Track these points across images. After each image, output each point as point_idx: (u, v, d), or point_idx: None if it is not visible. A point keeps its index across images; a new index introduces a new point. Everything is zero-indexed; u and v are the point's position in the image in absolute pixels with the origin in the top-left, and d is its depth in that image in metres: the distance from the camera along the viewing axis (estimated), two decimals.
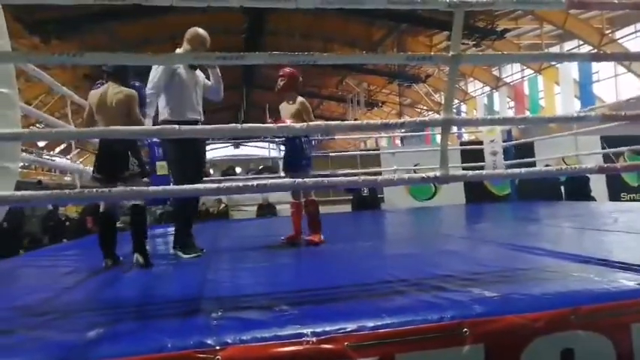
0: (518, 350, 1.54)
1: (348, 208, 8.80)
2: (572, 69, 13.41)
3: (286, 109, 3.94)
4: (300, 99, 3.92)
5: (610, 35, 15.93)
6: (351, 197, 8.76)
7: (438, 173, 2.12)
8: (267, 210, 9.67)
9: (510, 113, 16.79)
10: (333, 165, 8.47)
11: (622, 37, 15.99)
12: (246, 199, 11.09)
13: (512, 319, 1.56)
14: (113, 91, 2.96)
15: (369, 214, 7.74)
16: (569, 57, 3.89)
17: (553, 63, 15.12)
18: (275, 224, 6.00)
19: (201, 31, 3.55)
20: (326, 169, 7.80)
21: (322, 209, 4.06)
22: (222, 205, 10.23)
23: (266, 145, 29.93)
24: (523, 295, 1.72)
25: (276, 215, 8.96)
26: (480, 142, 7.93)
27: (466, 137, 14.59)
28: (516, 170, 2.51)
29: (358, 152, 8.92)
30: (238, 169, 15.26)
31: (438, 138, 15.98)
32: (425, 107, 25.05)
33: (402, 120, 2.01)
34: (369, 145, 20.88)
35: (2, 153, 1.90)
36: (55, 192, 1.86)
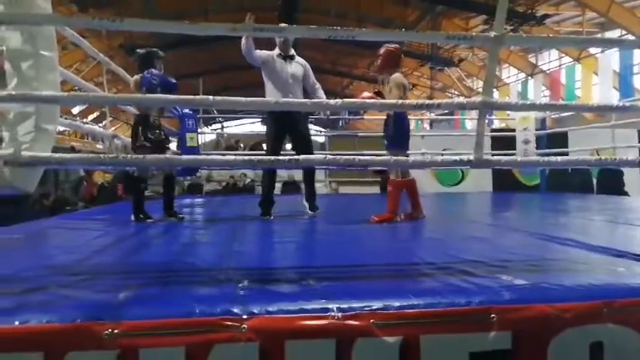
0: (547, 340, 1.51)
1: (374, 189, 8.77)
2: (612, 59, 12.95)
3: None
4: (393, 76, 3.82)
5: None
6: (379, 179, 8.71)
7: (471, 157, 2.07)
8: (292, 187, 9.71)
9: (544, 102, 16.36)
10: (360, 146, 8.41)
11: None
12: None
13: (542, 307, 1.54)
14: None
15: None
16: (617, 43, 3.71)
17: (593, 52, 14.57)
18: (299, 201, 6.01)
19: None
20: (353, 150, 7.76)
21: (350, 190, 4.08)
22: (249, 180, 10.32)
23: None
24: (554, 284, 1.69)
25: (301, 192, 8.98)
26: (512, 130, 7.76)
27: (496, 124, 14.31)
28: (554, 158, 2.43)
29: None
30: (265, 146, 15.29)
31: (468, 124, 15.77)
32: (456, 92, 24.61)
33: (438, 100, 1.97)
34: None
35: (42, 115, 1.94)
36: (91, 156, 1.89)
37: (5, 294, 1.58)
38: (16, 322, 1.36)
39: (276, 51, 4.23)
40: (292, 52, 4.27)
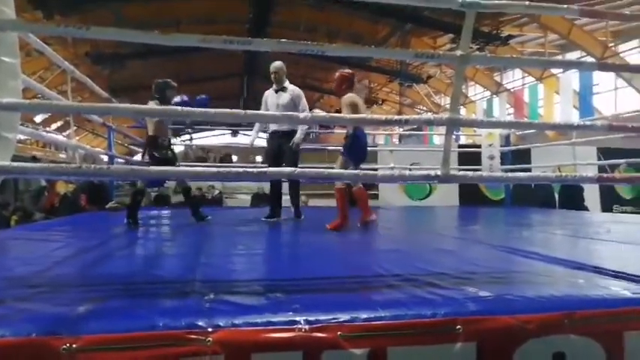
0: (510, 351, 1.53)
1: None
2: (572, 79, 13.43)
3: None
4: (343, 97, 4.21)
5: (613, 48, 15.98)
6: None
7: (439, 172, 2.11)
8: (262, 200, 9.65)
9: (509, 119, 16.82)
10: (330, 159, 8.43)
11: (625, 51, 16.05)
12: (240, 187, 11.08)
13: (506, 319, 1.56)
14: None
15: None
16: (577, 65, 3.90)
17: (554, 72, 15.07)
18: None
19: (278, 63, 4.96)
20: (323, 163, 7.78)
21: (320, 202, 4.15)
22: (217, 192, 10.21)
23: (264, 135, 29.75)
24: (518, 296, 1.72)
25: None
26: (478, 146, 7.94)
27: (463, 140, 14.63)
28: (518, 174, 2.50)
29: None
30: (235, 157, 15.23)
31: (436, 139, 16.02)
32: (424, 108, 25.07)
33: (406, 116, 2.00)
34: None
35: (2, 123, 1.87)
36: (53, 165, 1.84)
37: None
38: None
39: (273, 86, 5.02)
40: (285, 84, 4.99)
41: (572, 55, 17.38)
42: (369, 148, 4.37)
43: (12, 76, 1.97)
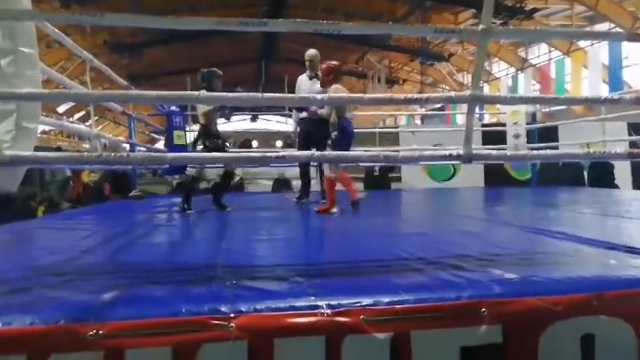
0: (537, 333, 1.50)
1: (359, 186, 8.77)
2: (601, 52, 13.04)
3: None
4: (331, 87, 4.30)
5: None
6: (363, 176, 8.67)
7: (461, 151, 2.06)
8: (282, 185, 9.69)
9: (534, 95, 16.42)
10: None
11: None
12: (261, 172, 11.13)
13: (533, 301, 1.53)
14: None
15: (385, 193, 7.70)
16: (605, 35, 3.71)
17: (582, 45, 14.63)
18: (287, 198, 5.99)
19: (313, 51, 5.24)
20: None
21: (340, 187, 4.16)
22: (238, 178, 10.28)
23: (284, 119, 29.80)
24: (544, 277, 1.68)
25: (293, 190, 8.97)
26: (502, 125, 7.76)
27: (487, 119, 14.35)
28: (543, 152, 2.43)
29: (377, 130, 8.77)
30: (255, 143, 15.27)
31: (459, 119, 15.79)
32: (447, 87, 24.64)
33: (427, 95, 1.95)
34: (388, 124, 20.65)
35: (23, 113, 1.89)
36: (75, 154, 1.85)
37: None
38: None
39: (307, 72, 5.24)
40: (319, 71, 4.97)
41: (601, 28, 16.81)
42: (391, 130, 4.35)
43: (30, 66, 1.98)
